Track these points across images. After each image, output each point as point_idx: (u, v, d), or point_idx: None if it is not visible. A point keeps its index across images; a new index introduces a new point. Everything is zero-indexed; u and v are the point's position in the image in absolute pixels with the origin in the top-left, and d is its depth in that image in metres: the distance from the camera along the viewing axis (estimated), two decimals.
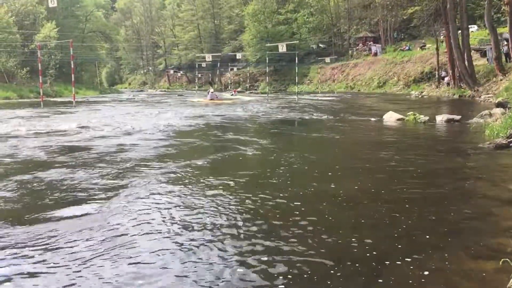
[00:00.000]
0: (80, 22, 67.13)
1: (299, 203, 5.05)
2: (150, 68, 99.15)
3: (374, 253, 3.65)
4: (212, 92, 31.43)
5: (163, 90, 78.00)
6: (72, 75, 25.83)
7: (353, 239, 3.95)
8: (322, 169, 7.18)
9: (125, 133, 12.44)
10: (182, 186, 5.97)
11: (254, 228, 4.26)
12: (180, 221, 4.51)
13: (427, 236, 4.01)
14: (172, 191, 5.69)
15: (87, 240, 4.01)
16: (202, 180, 6.27)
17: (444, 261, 3.46)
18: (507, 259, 3.23)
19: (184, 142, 10.77)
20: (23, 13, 53.66)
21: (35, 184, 6.16)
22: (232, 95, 44.68)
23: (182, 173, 6.76)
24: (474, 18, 39.83)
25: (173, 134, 12.30)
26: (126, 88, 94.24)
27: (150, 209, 4.91)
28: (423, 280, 3.18)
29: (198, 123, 15.37)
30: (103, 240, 4.01)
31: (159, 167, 7.23)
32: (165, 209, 4.91)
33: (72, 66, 25.40)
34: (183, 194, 5.56)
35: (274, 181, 6.33)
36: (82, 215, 4.74)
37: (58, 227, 4.37)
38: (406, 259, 3.51)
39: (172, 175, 6.67)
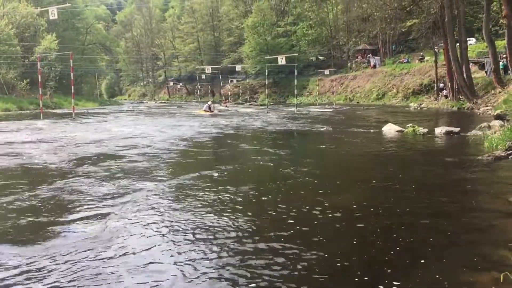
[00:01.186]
0: (81, 34, 67.50)
1: (298, 217, 5.03)
2: (150, 79, 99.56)
3: (372, 266, 3.63)
4: (208, 104, 32.06)
5: (163, 101, 78.19)
6: (72, 87, 25.87)
7: (349, 253, 3.93)
8: (322, 182, 7.16)
9: (135, 145, 12.42)
10: (183, 200, 5.96)
11: (258, 245, 4.24)
12: (177, 241, 4.49)
13: (426, 249, 3.98)
14: (172, 206, 5.68)
15: (83, 260, 3.98)
16: (203, 194, 6.26)
17: (443, 274, 3.43)
18: (507, 273, 3.21)
19: (190, 153, 10.77)
20: (24, 25, 53.89)
21: (39, 197, 6.14)
22: (220, 105, 44.76)
23: (186, 186, 6.75)
24: (472, 30, 40.15)
25: (180, 145, 12.30)
26: (125, 99, 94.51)
27: (149, 230, 4.88)
28: None
29: (203, 135, 15.37)
30: (101, 258, 3.98)
31: (166, 179, 7.23)
32: (159, 228, 4.89)
33: (72, 78, 25.44)
34: (183, 209, 5.54)
35: (272, 195, 6.31)
36: (84, 232, 4.71)
37: (59, 244, 4.34)
38: (403, 272, 3.49)
39: (172, 189, 6.66)
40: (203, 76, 59.99)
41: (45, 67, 48.71)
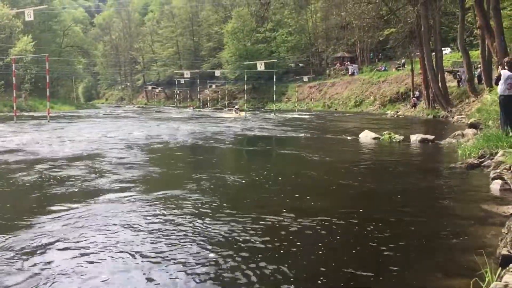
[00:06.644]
0: (58, 36, 66.53)
1: (273, 223, 5.03)
2: (128, 83, 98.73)
3: (342, 272, 3.64)
4: (235, 108, 42.19)
5: (141, 106, 77.49)
6: (47, 90, 25.46)
7: (321, 259, 3.94)
8: (298, 189, 7.17)
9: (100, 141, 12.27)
10: (171, 207, 5.90)
11: (237, 254, 4.22)
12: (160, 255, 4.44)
13: (399, 255, 4.02)
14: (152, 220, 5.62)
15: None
16: (187, 203, 6.22)
17: (416, 280, 3.47)
18: (476, 278, 3.27)
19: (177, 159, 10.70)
20: None
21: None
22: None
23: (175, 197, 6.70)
24: (448, 40, 41.01)
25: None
26: (103, 103, 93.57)
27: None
28: None
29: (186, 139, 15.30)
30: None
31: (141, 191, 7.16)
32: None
33: (48, 81, 25.03)
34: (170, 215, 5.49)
35: (247, 202, 6.31)
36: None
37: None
38: (376, 279, 3.51)
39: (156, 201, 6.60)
40: (182, 81, 59.74)
41: (20, 69, 47.81)
